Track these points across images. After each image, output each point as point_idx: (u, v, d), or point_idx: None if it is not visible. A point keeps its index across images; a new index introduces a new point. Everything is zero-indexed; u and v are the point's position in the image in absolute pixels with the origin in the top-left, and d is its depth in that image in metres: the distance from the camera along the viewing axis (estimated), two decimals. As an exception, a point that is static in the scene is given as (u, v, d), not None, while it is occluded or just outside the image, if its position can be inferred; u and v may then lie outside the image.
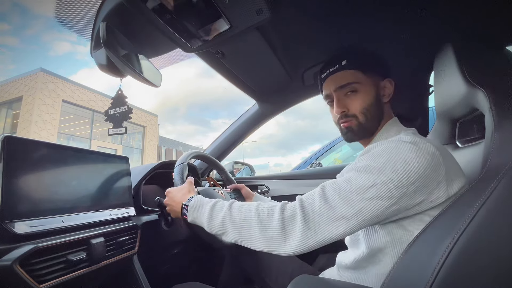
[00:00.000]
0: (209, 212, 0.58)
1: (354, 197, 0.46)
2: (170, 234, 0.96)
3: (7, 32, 23.77)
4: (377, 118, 0.63)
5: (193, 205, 0.63)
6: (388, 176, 0.46)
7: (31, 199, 0.56)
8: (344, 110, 0.62)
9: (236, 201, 0.59)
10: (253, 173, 1.68)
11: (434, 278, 0.37)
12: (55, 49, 32.12)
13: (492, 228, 0.37)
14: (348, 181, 0.49)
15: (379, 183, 0.46)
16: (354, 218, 0.46)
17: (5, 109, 10.90)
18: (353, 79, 0.61)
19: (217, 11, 0.60)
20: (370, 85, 0.61)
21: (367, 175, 0.47)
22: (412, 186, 0.45)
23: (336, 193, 0.48)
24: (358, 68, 0.61)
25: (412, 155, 0.47)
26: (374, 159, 0.49)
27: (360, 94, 0.61)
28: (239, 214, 0.54)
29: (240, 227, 0.53)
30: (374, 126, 0.63)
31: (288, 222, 0.49)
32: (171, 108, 78.01)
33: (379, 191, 0.45)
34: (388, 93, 0.64)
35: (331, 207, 0.47)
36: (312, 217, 0.47)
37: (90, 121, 12.07)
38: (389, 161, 0.47)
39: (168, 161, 1.06)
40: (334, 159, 2.46)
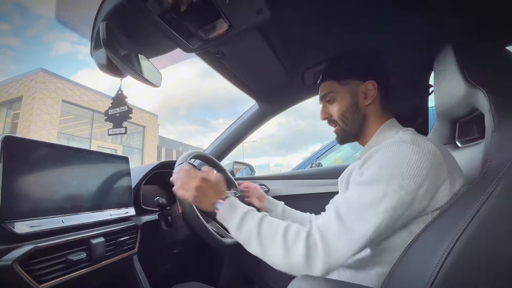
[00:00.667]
0: (241, 218, 0.57)
1: (369, 213, 0.46)
2: (170, 234, 0.96)
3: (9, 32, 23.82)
4: (358, 121, 0.66)
5: (230, 203, 0.60)
6: (396, 184, 0.46)
7: (31, 199, 0.56)
8: (326, 117, 0.69)
9: (268, 216, 0.57)
10: (253, 173, 1.68)
11: (434, 278, 0.37)
12: (56, 49, 32.20)
13: (492, 228, 0.37)
14: (359, 196, 0.49)
15: (389, 193, 0.46)
16: (372, 234, 0.46)
17: (5, 109, 10.90)
18: (328, 89, 0.68)
19: (217, 11, 0.60)
20: (345, 92, 0.66)
21: (376, 187, 0.48)
22: (421, 189, 0.46)
23: (351, 212, 0.48)
24: (333, 79, 0.67)
25: (415, 156, 0.47)
26: (379, 167, 0.49)
27: (337, 102, 0.67)
28: (267, 231, 0.53)
29: (265, 244, 0.52)
30: (356, 129, 0.66)
31: (312, 249, 0.48)
32: (171, 108, 78.13)
33: (391, 201, 0.46)
34: (370, 95, 0.65)
35: (349, 229, 0.47)
36: (331, 243, 0.47)
37: (90, 121, 12.06)
38: (394, 167, 0.47)
39: (168, 161, 1.06)
40: (334, 159, 2.46)
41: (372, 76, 0.65)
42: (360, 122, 0.66)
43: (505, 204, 0.38)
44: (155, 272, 0.92)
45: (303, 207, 1.01)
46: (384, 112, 0.66)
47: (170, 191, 1.12)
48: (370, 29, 0.78)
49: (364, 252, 0.56)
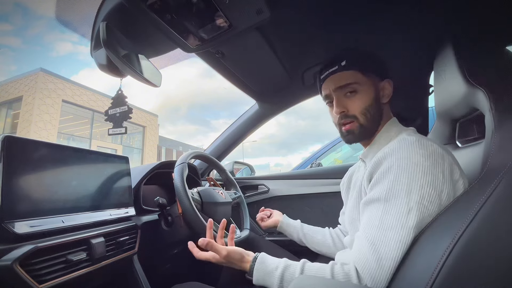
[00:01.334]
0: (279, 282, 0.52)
1: (401, 234, 0.45)
2: (170, 234, 0.96)
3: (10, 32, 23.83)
4: (377, 119, 0.63)
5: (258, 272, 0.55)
6: (418, 195, 0.46)
7: (31, 199, 0.56)
8: (343, 111, 0.62)
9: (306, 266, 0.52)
10: (253, 173, 1.68)
11: (435, 278, 0.37)
12: (57, 49, 32.21)
13: (492, 228, 0.37)
14: (384, 216, 0.47)
15: (413, 205, 0.45)
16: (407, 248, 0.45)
17: (5, 109, 10.90)
18: (352, 79, 0.61)
19: (217, 11, 0.60)
20: (369, 86, 0.62)
21: (398, 202, 0.46)
22: (443, 194, 0.46)
23: (382, 238, 0.46)
24: (357, 69, 0.61)
25: (427, 163, 0.47)
26: (395, 180, 0.48)
27: (360, 95, 0.61)
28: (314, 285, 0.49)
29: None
30: (374, 127, 0.63)
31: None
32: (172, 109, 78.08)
33: (417, 213, 0.45)
34: (387, 93, 0.64)
35: (386, 256, 0.45)
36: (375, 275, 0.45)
37: (90, 121, 12.06)
38: (410, 178, 0.46)
39: (168, 161, 1.06)
40: (334, 159, 2.46)
41: (388, 75, 0.65)
42: (378, 120, 0.63)
43: (505, 204, 0.38)
44: (155, 272, 0.92)
45: (303, 207, 1.01)
46: (389, 112, 0.67)
47: (170, 191, 1.12)
48: (370, 29, 0.78)
49: None
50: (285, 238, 1.19)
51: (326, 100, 0.68)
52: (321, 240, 0.86)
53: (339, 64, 0.62)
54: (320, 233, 0.88)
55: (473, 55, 0.56)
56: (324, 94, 0.67)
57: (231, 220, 0.98)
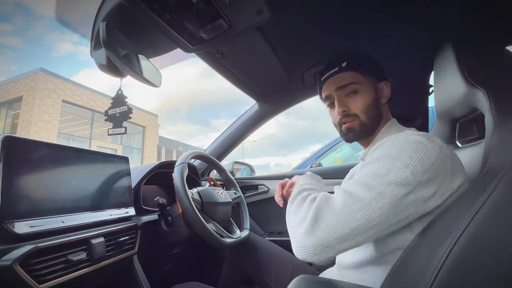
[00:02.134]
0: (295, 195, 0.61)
1: (372, 182, 0.46)
2: (170, 234, 0.96)
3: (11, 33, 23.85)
4: (377, 118, 0.64)
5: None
6: (402, 162, 0.46)
7: (31, 199, 0.56)
8: (345, 110, 0.63)
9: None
10: (253, 173, 1.68)
11: (434, 278, 0.37)
12: (57, 49, 32.22)
13: (492, 228, 0.37)
14: (365, 173, 0.49)
15: (394, 169, 0.46)
16: (373, 201, 0.44)
17: (5, 109, 10.90)
18: (353, 79, 0.63)
19: (217, 11, 0.60)
20: (369, 86, 0.64)
21: (382, 163, 0.48)
22: (426, 174, 0.45)
23: (355, 185, 0.48)
24: (357, 70, 0.63)
25: (423, 144, 0.48)
26: (386, 149, 0.50)
27: (361, 95, 0.63)
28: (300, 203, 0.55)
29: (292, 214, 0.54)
30: (374, 126, 0.64)
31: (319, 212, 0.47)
32: (172, 109, 78.10)
33: (396, 176, 0.45)
34: (385, 95, 0.66)
35: (353, 195, 0.46)
36: (335, 207, 0.46)
37: (90, 121, 12.07)
38: (402, 149, 0.48)
39: (168, 161, 1.06)
40: (334, 159, 2.46)
41: (385, 77, 0.66)
42: (377, 120, 0.65)
43: (505, 204, 0.38)
44: (155, 272, 0.92)
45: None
46: (388, 113, 0.68)
47: (170, 191, 1.12)
48: (370, 29, 0.78)
49: (369, 254, 0.55)
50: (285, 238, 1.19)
51: (327, 102, 0.69)
52: None
53: (339, 65, 0.64)
54: None
55: (473, 55, 0.56)
56: (325, 95, 0.68)
57: (231, 220, 0.98)
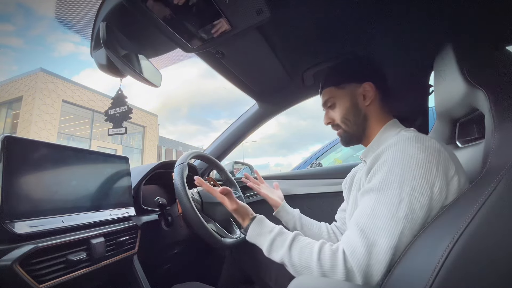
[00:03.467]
0: (269, 245, 0.57)
1: (390, 224, 0.46)
2: (170, 234, 0.96)
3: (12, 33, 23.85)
4: (360, 122, 0.67)
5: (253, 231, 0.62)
6: (409, 186, 0.46)
7: (31, 199, 0.56)
8: (329, 121, 0.72)
9: (298, 238, 0.56)
10: (253, 173, 1.68)
11: (434, 278, 0.37)
12: (59, 49, 32.22)
13: (492, 228, 0.37)
14: (376, 205, 0.48)
15: (404, 196, 0.46)
16: (398, 240, 0.45)
17: (5, 109, 10.90)
18: (328, 95, 0.70)
19: (217, 11, 0.60)
20: (344, 96, 0.68)
21: (390, 192, 0.47)
22: (434, 187, 0.46)
23: (372, 226, 0.47)
24: (331, 85, 0.70)
25: (422, 155, 0.47)
26: (388, 171, 0.49)
27: (338, 106, 0.69)
28: (299, 259, 0.52)
29: (301, 271, 0.51)
30: (359, 130, 0.67)
31: (350, 274, 0.47)
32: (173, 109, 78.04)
33: (408, 204, 0.46)
34: (369, 96, 0.66)
35: (375, 243, 0.46)
36: (362, 262, 0.46)
37: (90, 121, 12.06)
38: (404, 170, 0.47)
39: (168, 161, 1.06)
40: (334, 159, 2.46)
41: (368, 77, 0.67)
42: (362, 123, 0.67)
43: (505, 204, 0.38)
44: (155, 272, 0.92)
45: (303, 207, 1.01)
46: (384, 112, 0.67)
47: (170, 191, 1.12)
48: (370, 29, 0.78)
49: None
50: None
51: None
52: (317, 233, 0.86)
53: (321, 86, 0.73)
54: (316, 226, 0.88)
55: (473, 55, 0.56)
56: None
57: (231, 220, 0.98)
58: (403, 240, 0.46)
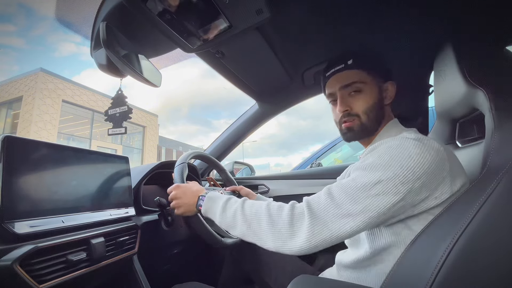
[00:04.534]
0: (223, 204, 0.60)
1: (359, 194, 0.47)
2: (170, 234, 0.96)
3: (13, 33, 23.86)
4: (378, 119, 0.64)
5: (210, 196, 0.65)
6: (393, 172, 0.46)
7: (31, 199, 0.56)
8: (347, 109, 0.63)
9: (249, 199, 0.60)
10: (253, 173, 1.68)
11: (435, 277, 0.37)
12: (60, 50, 32.22)
13: (492, 228, 0.37)
14: (354, 179, 0.49)
15: (384, 179, 0.46)
16: (360, 215, 0.46)
17: (5, 109, 10.90)
18: (358, 78, 0.62)
19: (217, 11, 0.60)
20: (373, 86, 0.62)
21: (372, 172, 0.48)
22: (418, 181, 0.45)
23: (342, 191, 0.49)
24: (363, 68, 0.62)
25: (417, 150, 0.47)
26: (378, 156, 0.50)
27: (364, 94, 0.62)
28: (250, 208, 0.56)
29: (250, 221, 0.54)
30: (374, 127, 0.64)
31: (296, 219, 0.49)
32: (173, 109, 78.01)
33: (384, 187, 0.46)
34: (390, 95, 0.65)
35: (337, 204, 0.47)
36: (318, 214, 0.48)
37: (90, 121, 12.06)
38: (394, 157, 0.48)
39: (168, 161, 1.06)
40: (334, 159, 2.46)
41: (390, 77, 0.66)
42: (379, 121, 0.64)
43: (505, 204, 0.38)
44: (155, 272, 0.92)
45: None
46: (390, 113, 0.67)
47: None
48: (370, 29, 0.78)
49: (364, 251, 0.56)
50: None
51: (330, 99, 0.68)
52: None
53: (345, 62, 0.63)
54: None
55: (473, 55, 0.56)
56: (328, 92, 0.67)
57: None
58: (366, 217, 0.46)
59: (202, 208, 0.65)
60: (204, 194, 0.67)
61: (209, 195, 0.66)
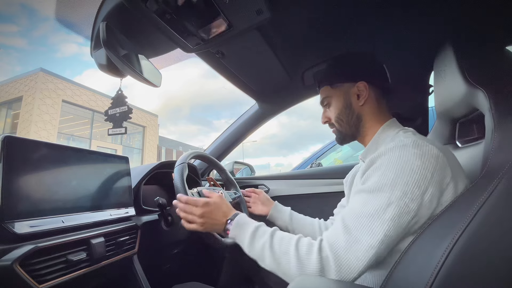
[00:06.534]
0: (252, 234, 0.57)
1: (375, 222, 0.46)
2: (170, 234, 0.96)
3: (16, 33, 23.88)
4: (353, 121, 0.67)
5: (238, 222, 0.61)
6: (401, 191, 0.46)
7: (31, 199, 0.56)
8: (326, 120, 0.72)
9: (279, 230, 0.58)
10: (253, 173, 1.68)
11: (434, 277, 0.37)
12: (62, 50, 32.27)
13: (492, 228, 0.37)
14: (364, 205, 0.49)
15: (394, 200, 0.46)
16: (381, 244, 0.46)
17: (5, 109, 10.90)
18: (325, 94, 0.71)
19: (217, 11, 0.60)
20: (338, 96, 0.68)
21: (380, 195, 0.48)
22: (426, 194, 0.46)
23: (357, 223, 0.48)
24: (327, 84, 0.70)
25: (418, 162, 0.47)
26: (382, 174, 0.49)
27: (332, 106, 0.69)
28: (279, 245, 0.53)
29: (279, 258, 0.52)
30: (352, 129, 0.68)
31: (325, 263, 0.48)
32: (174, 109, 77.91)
33: (396, 208, 0.46)
34: (363, 95, 0.65)
35: (356, 239, 0.47)
36: (341, 255, 0.47)
37: (90, 121, 12.06)
38: (398, 175, 0.47)
39: (168, 161, 1.06)
40: (334, 159, 2.46)
41: (363, 77, 0.65)
42: (355, 123, 0.67)
43: (505, 204, 0.38)
44: (155, 272, 0.92)
45: (303, 207, 1.01)
46: (382, 112, 0.66)
47: (170, 191, 1.12)
48: (370, 29, 0.78)
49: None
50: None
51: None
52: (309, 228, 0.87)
53: (318, 82, 0.73)
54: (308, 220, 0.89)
55: (473, 55, 0.56)
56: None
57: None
58: (386, 242, 0.46)
59: (229, 233, 0.61)
60: (231, 217, 0.63)
61: (237, 220, 0.62)
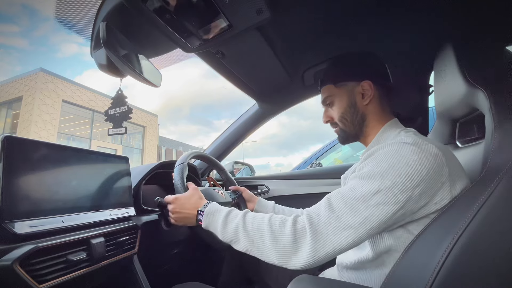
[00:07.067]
0: (224, 218, 0.59)
1: (359, 205, 0.47)
2: (170, 234, 0.96)
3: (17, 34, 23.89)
4: (358, 121, 0.66)
5: (209, 210, 0.64)
6: (391, 181, 0.46)
7: (31, 199, 0.56)
8: (328, 119, 0.71)
9: (250, 211, 0.59)
10: (253, 173, 1.68)
11: (434, 278, 0.37)
12: (63, 50, 32.29)
13: (492, 228, 0.37)
14: (353, 189, 0.49)
15: (383, 188, 0.46)
16: (361, 226, 0.46)
17: (5, 109, 10.89)
18: (327, 93, 0.69)
19: (217, 11, 0.60)
20: (342, 95, 0.67)
21: (371, 182, 0.48)
22: (417, 188, 0.46)
23: (341, 202, 0.48)
24: (330, 83, 0.69)
25: (414, 157, 0.47)
26: (376, 164, 0.49)
27: (336, 105, 0.68)
28: (252, 223, 0.55)
29: (252, 236, 0.53)
30: (356, 129, 0.67)
31: (299, 235, 0.48)
32: (174, 109, 77.98)
33: (384, 197, 0.46)
34: (368, 94, 0.65)
35: (337, 216, 0.47)
36: (319, 228, 0.47)
37: (90, 121, 12.06)
38: (392, 166, 0.47)
39: (168, 161, 1.06)
40: (334, 159, 2.46)
41: (367, 76, 0.65)
42: (359, 122, 0.66)
43: (505, 205, 0.38)
44: (155, 272, 0.92)
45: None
46: (384, 112, 0.66)
47: (170, 191, 1.12)
48: (370, 29, 0.78)
49: (366, 253, 0.55)
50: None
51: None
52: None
53: (320, 81, 0.72)
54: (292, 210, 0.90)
55: (473, 55, 0.56)
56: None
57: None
58: (366, 227, 0.46)
59: (202, 223, 0.64)
60: (202, 208, 0.66)
61: (208, 210, 0.64)
